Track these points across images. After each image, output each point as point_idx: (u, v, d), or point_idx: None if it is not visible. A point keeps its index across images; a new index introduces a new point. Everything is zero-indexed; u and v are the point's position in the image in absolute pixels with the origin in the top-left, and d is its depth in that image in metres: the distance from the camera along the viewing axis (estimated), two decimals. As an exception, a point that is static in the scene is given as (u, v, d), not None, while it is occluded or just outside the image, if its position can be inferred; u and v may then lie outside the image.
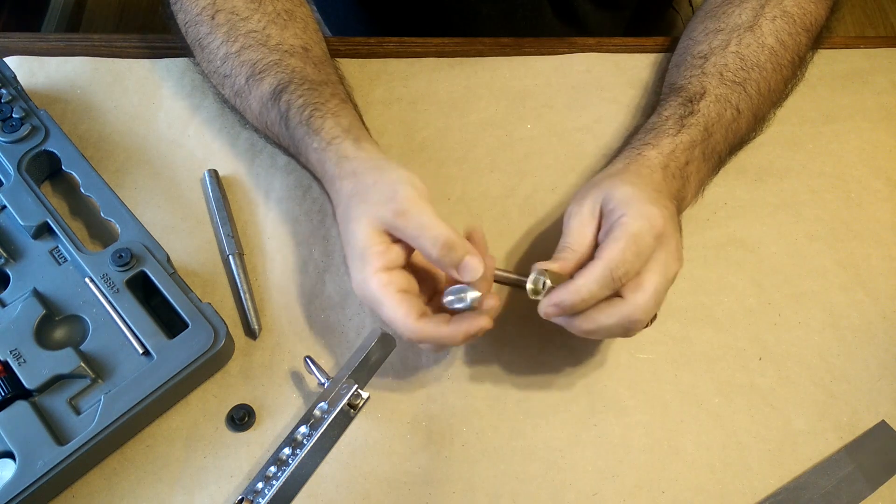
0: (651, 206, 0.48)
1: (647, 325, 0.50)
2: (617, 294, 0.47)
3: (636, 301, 0.46)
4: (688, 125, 0.55)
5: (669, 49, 0.70)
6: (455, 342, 0.48)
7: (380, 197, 0.48)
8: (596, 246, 0.49)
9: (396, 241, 0.49)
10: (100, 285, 0.54)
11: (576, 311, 0.47)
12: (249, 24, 0.59)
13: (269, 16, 0.59)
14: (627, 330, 0.48)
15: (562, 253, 0.49)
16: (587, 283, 0.46)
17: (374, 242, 0.48)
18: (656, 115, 0.58)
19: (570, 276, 0.47)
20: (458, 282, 0.48)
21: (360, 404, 0.53)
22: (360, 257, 0.48)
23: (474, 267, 0.47)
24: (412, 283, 0.50)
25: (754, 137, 0.63)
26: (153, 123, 0.65)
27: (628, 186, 0.49)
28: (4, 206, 0.57)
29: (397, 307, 0.47)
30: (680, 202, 0.54)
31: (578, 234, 0.49)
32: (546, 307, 0.47)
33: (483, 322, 0.48)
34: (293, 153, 0.59)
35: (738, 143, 0.61)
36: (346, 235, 0.50)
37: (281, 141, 0.59)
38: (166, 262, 0.55)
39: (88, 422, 0.49)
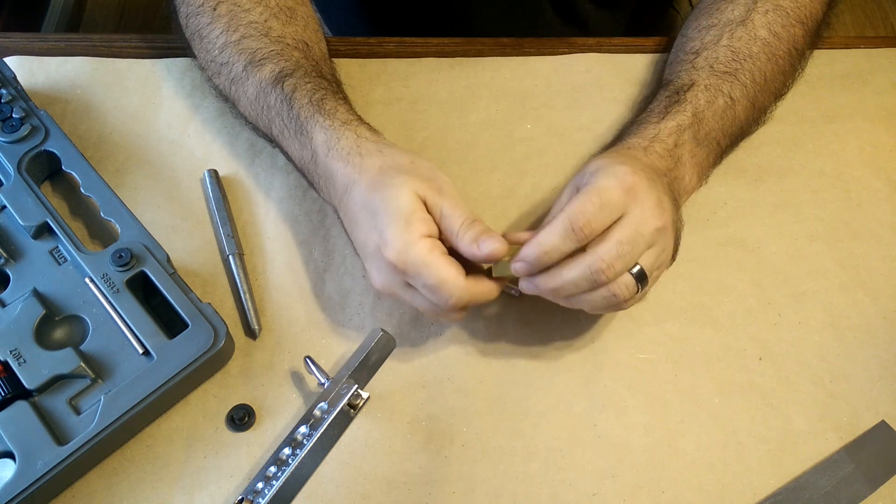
0: (620, 165, 0.48)
1: (637, 290, 0.49)
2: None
3: (597, 250, 0.47)
4: (672, 112, 0.56)
5: (669, 49, 0.70)
6: (494, 295, 0.50)
7: (421, 173, 0.50)
8: None
9: None
10: (100, 285, 0.54)
11: (542, 265, 0.48)
12: (251, 15, 0.59)
13: (271, 10, 0.60)
14: (594, 283, 0.47)
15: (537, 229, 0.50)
16: (548, 235, 0.47)
17: (418, 208, 0.49)
18: (644, 112, 0.59)
19: None
20: None
21: (360, 404, 0.53)
22: (404, 222, 0.48)
23: (492, 243, 0.48)
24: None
25: (757, 128, 0.63)
26: (153, 123, 0.65)
27: (602, 160, 0.51)
28: (4, 206, 0.57)
29: (448, 268, 0.48)
30: (675, 181, 0.55)
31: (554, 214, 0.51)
32: (514, 264, 0.48)
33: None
34: (286, 136, 0.57)
35: (738, 133, 0.61)
36: (379, 202, 0.50)
37: (274, 125, 0.58)
38: (166, 262, 0.55)
39: (88, 422, 0.49)
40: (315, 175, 0.57)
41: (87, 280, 0.54)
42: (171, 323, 0.54)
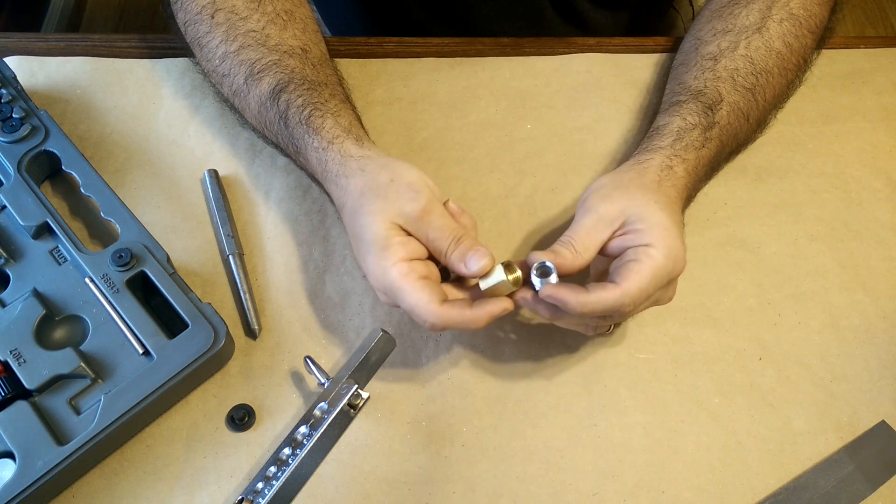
0: (679, 245, 0.48)
1: (607, 331, 0.52)
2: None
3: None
4: (709, 139, 0.55)
5: (669, 49, 0.70)
6: (479, 325, 0.48)
7: (399, 195, 0.49)
8: (599, 252, 0.50)
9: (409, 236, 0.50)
10: (100, 285, 0.54)
11: (567, 312, 0.48)
12: (248, 23, 0.58)
13: (268, 16, 0.59)
14: (583, 326, 0.51)
15: (563, 249, 0.48)
16: (594, 304, 0.46)
17: (394, 233, 0.49)
18: (680, 119, 0.56)
19: (562, 272, 0.48)
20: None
21: (360, 404, 0.53)
22: (380, 248, 0.48)
23: (478, 261, 0.47)
24: (433, 271, 0.50)
25: (753, 141, 0.63)
26: (153, 123, 0.65)
27: (663, 214, 0.49)
28: (4, 206, 0.57)
29: (419, 293, 0.47)
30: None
31: (587, 235, 0.49)
32: (546, 293, 0.47)
33: (506, 303, 0.48)
34: (291, 153, 0.58)
35: (736, 149, 0.61)
36: (359, 229, 0.50)
37: (279, 140, 0.59)
38: (166, 262, 0.55)
39: (88, 422, 0.49)
40: (324, 190, 0.58)
41: (87, 280, 0.54)
42: (171, 323, 0.54)
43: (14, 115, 0.59)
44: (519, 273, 0.48)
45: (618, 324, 0.51)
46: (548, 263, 0.47)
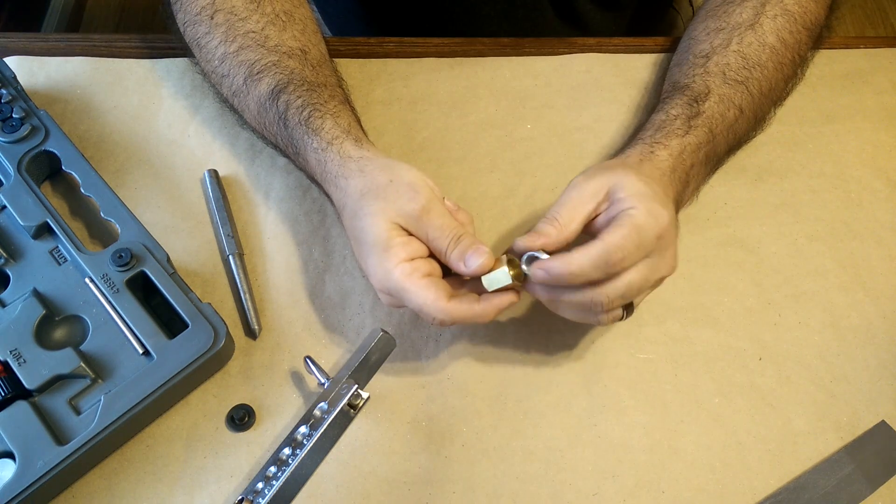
0: (660, 207, 0.48)
1: (621, 318, 0.50)
2: None
3: (605, 286, 0.47)
4: (694, 126, 0.55)
5: (669, 49, 0.71)
6: (487, 319, 0.48)
7: (399, 195, 0.49)
8: (583, 229, 0.49)
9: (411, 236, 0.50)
10: (100, 285, 0.54)
11: (563, 283, 0.47)
12: (248, 24, 0.58)
13: (267, 17, 0.59)
14: (588, 310, 0.48)
15: (547, 225, 0.48)
16: (580, 260, 0.46)
17: (395, 234, 0.49)
18: (663, 113, 0.57)
19: (549, 250, 0.48)
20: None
21: (360, 404, 0.53)
22: (382, 249, 0.48)
23: (477, 259, 0.47)
24: (436, 268, 0.50)
25: (753, 137, 0.63)
26: (153, 123, 0.65)
27: (642, 184, 0.49)
28: (4, 206, 0.57)
29: (425, 292, 0.47)
30: (678, 205, 0.54)
31: (571, 209, 0.49)
32: (535, 269, 0.47)
33: (512, 296, 0.49)
34: (291, 154, 0.58)
35: (736, 144, 0.61)
36: (360, 231, 0.50)
37: (279, 141, 0.59)
38: (166, 262, 0.55)
39: (88, 422, 0.49)
40: (323, 191, 0.57)
41: (87, 280, 0.54)
42: (171, 323, 0.54)
43: (14, 115, 0.59)
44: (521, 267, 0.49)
45: (629, 308, 0.49)
46: (534, 253, 0.48)
